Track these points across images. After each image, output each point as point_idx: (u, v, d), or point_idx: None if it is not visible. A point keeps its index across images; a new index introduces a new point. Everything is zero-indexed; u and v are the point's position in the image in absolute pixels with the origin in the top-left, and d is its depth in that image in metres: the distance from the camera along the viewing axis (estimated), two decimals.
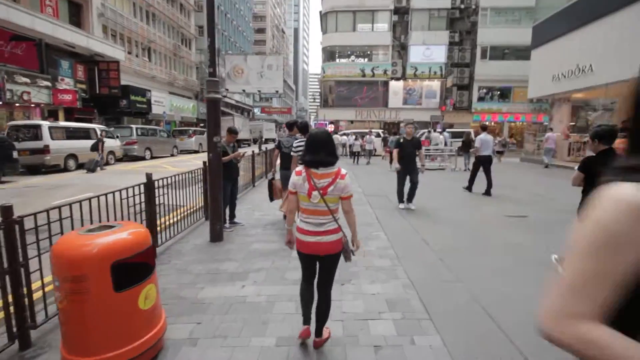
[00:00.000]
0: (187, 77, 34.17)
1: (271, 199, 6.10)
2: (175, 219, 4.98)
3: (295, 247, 2.36)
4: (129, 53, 25.23)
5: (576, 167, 3.09)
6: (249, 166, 9.30)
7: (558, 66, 14.51)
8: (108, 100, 21.73)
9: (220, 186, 4.82)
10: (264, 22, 73.88)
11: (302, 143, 4.66)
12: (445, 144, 18.31)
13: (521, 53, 27.92)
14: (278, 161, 5.80)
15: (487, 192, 8.08)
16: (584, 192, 3.02)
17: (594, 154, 3.02)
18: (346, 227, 2.33)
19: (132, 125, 17.45)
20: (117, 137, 15.69)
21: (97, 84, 21.32)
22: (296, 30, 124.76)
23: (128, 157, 16.88)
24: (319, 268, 2.36)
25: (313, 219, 2.22)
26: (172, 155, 20.16)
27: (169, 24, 30.61)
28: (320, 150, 2.20)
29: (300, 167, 2.27)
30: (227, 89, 39.27)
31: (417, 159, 6.80)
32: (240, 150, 6.38)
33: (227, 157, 5.29)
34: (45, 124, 12.04)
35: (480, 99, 28.64)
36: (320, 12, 30.40)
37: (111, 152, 14.94)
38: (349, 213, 2.30)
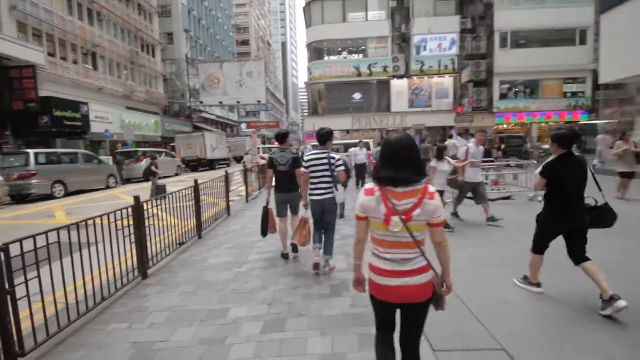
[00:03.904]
0: (150, 89, 28.93)
1: (264, 234, 4.54)
2: None
3: (366, 290, 1.77)
4: (63, 59, 19.98)
5: (537, 172, 3.05)
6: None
7: None
8: (27, 117, 16.35)
9: None
10: (247, 34, 69.69)
11: (317, 156, 3.73)
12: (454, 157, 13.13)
13: (549, 38, 23.22)
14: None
15: None
16: (546, 195, 3.03)
17: (555, 158, 2.95)
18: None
19: (29, 150, 11.95)
20: None
21: (7, 97, 15.99)
22: (283, 44, 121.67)
23: (28, 197, 11.40)
24: (402, 320, 1.73)
25: (394, 254, 1.61)
26: (108, 187, 14.62)
27: (123, 26, 25.54)
28: (401, 164, 1.57)
29: (370, 184, 1.65)
30: (201, 102, 34.19)
31: None
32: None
33: None
34: None
35: (502, 96, 23.66)
36: (304, 8, 25.57)
37: None
38: (441, 245, 1.66)
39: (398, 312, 1.74)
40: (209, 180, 6.82)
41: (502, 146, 18.62)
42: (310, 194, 3.84)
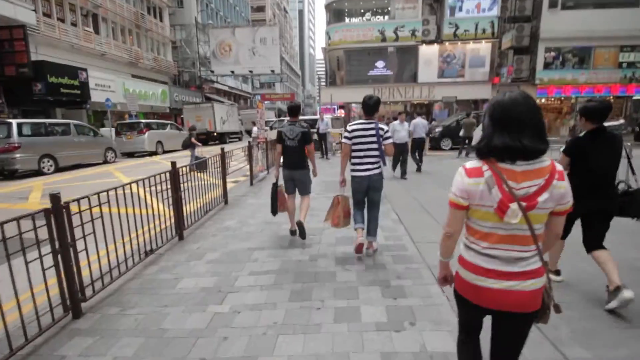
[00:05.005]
0: (157, 57, 27.25)
1: (274, 212, 4.33)
2: None
3: (452, 286, 1.46)
4: (61, 20, 18.42)
5: (561, 149, 2.70)
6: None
7: None
8: (21, 84, 15.14)
9: None
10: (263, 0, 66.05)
11: (364, 127, 3.33)
12: None
13: None
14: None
15: (418, 169, 8.97)
16: (570, 175, 2.28)
17: (582, 134, 2.59)
18: None
19: (11, 120, 10.70)
20: None
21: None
22: (301, 12, 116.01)
23: (15, 172, 10.31)
24: (497, 332, 1.38)
25: (504, 251, 1.25)
26: (106, 161, 13.44)
27: None
28: (524, 129, 1.19)
29: (474, 162, 1.27)
30: (212, 71, 32.29)
31: None
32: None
33: None
34: None
35: (547, 65, 20.78)
36: None
37: None
38: (558, 238, 1.33)
39: None
40: (200, 161, 5.30)
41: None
42: (353, 170, 3.43)
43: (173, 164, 4.27)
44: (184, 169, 4.52)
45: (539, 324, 1.37)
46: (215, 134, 22.60)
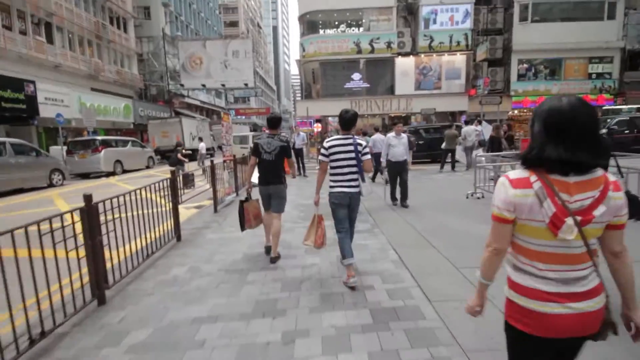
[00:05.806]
0: (121, 69, 25.52)
1: (242, 228, 4.16)
2: None
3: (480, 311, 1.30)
4: (7, 28, 16.61)
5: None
6: None
7: None
8: None
9: None
10: (236, 14, 65.62)
11: (342, 142, 3.17)
12: (482, 144, 11.41)
13: (574, 12, 20.49)
14: (255, 175, 4.02)
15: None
16: None
17: None
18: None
19: None
20: None
21: None
22: (275, 28, 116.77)
23: None
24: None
25: (562, 272, 1.10)
26: (51, 184, 11.69)
27: None
28: (582, 141, 1.05)
29: (520, 172, 1.13)
30: (182, 85, 30.78)
31: None
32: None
33: None
34: None
35: (521, 76, 20.96)
36: None
37: None
38: (620, 257, 1.13)
39: None
40: (139, 187, 4.04)
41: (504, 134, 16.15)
42: (334, 186, 3.20)
43: (87, 198, 3.01)
44: (108, 202, 3.27)
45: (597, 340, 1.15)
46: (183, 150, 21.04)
